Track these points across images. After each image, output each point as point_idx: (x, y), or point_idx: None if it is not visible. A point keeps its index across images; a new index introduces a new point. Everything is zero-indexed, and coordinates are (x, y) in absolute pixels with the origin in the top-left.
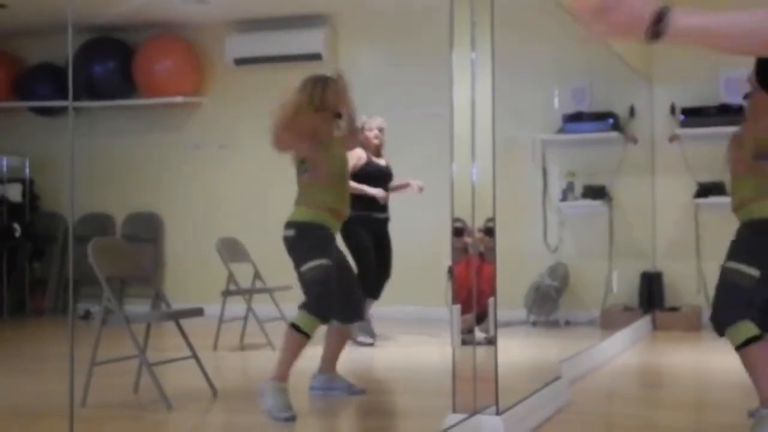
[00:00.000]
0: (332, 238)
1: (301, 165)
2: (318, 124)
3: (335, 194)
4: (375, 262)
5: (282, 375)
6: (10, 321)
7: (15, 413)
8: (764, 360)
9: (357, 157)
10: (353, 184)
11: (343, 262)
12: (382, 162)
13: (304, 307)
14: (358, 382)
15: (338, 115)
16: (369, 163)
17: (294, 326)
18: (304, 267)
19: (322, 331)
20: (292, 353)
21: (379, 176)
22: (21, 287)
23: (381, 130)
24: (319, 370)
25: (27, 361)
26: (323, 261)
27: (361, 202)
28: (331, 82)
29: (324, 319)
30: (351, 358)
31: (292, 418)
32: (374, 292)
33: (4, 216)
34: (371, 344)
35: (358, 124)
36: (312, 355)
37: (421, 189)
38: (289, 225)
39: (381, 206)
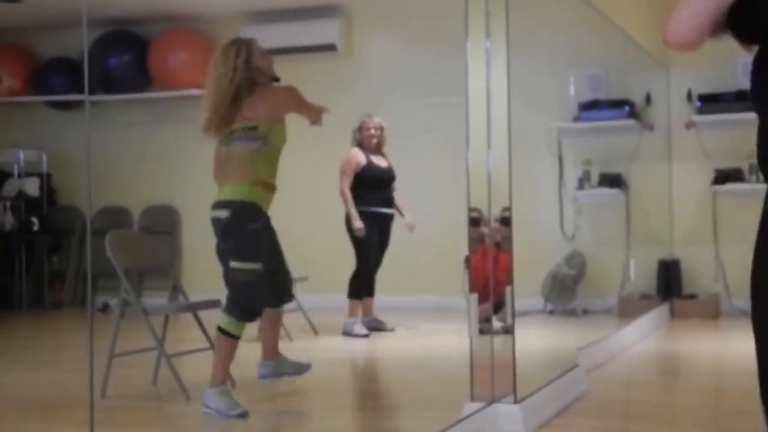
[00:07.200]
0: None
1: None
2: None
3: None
4: (376, 261)
5: (220, 379)
6: (29, 314)
7: (35, 404)
8: None
9: (356, 161)
10: (347, 195)
11: (274, 242)
12: (383, 163)
13: (229, 311)
14: (375, 371)
15: (275, 79)
16: (370, 166)
17: (222, 330)
18: (235, 264)
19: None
20: (225, 357)
21: (381, 179)
22: (39, 281)
23: (380, 128)
24: (263, 358)
25: (46, 354)
26: (257, 265)
27: (368, 197)
28: (254, 44)
29: (252, 320)
30: (357, 348)
31: (243, 414)
32: (370, 289)
33: (22, 210)
34: (366, 336)
35: (359, 123)
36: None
37: (411, 227)
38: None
39: (388, 202)
